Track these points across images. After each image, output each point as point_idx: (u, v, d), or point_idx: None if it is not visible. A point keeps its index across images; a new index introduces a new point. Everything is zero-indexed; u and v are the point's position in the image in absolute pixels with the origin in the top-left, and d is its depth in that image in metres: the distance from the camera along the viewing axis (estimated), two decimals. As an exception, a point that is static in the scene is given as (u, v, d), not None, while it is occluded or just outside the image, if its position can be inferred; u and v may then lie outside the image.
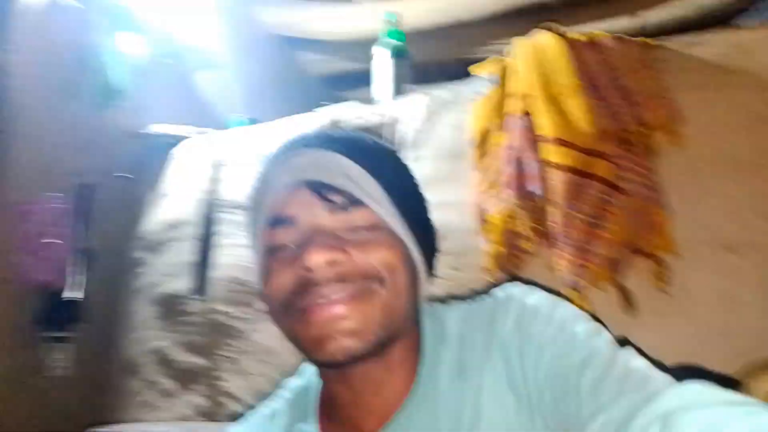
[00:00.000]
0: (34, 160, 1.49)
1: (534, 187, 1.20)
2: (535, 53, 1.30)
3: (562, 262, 1.13)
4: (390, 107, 1.60)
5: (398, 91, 1.66)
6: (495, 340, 0.58)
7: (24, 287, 1.43)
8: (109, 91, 1.72)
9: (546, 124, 1.20)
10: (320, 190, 0.56)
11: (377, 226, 0.57)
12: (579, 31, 1.32)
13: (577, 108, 1.19)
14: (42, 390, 1.44)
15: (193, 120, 1.99)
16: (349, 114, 1.66)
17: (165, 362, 1.56)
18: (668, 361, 1.06)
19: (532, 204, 1.22)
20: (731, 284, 1.10)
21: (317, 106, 1.74)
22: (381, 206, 0.57)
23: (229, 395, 1.45)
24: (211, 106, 2.28)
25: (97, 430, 1.10)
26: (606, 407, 0.46)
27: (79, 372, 1.51)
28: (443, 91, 1.54)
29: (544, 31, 1.32)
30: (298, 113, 1.74)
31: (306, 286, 0.54)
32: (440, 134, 1.50)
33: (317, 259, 0.52)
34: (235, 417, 1.40)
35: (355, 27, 2.43)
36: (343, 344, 0.52)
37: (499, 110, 1.35)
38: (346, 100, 1.77)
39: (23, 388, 1.41)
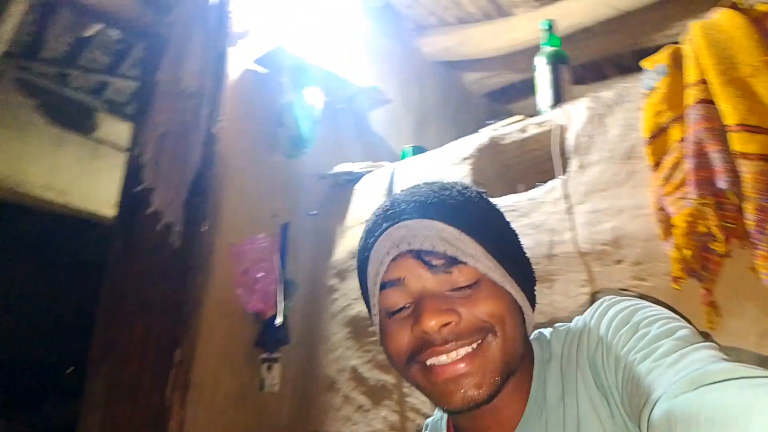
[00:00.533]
0: (241, 207, 1.78)
1: (721, 181, 1.07)
2: (711, 34, 1.17)
3: (762, 263, 0.98)
4: (552, 116, 1.56)
5: (560, 97, 1.62)
6: (584, 352, 0.62)
7: (244, 316, 1.70)
8: (300, 140, 1.97)
9: (729, 111, 1.07)
10: (422, 256, 0.61)
11: (480, 280, 0.62)
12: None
13: (768, 87, 1.04)
14: (260, 405, 1.68)
15: (370, 155, 2.16)
16: (513, 128, 1.66)
17: (359, 379, 1.70)
18: None
19: (721, 201, 1.09)
20: None
21: (483, 125, 1.77)
22: (479, 262, 0.61)
23: (416, 410, 1.53)
24: (385, 140, 2.45)
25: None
26: (647, 393, 0.49)
27: (288, 389, 1.73)
28: (608, 92, 1.45)
29: (722, 8, 1.18)
30: (467, 133, 1.79)
31: (425, 343, 0.60)
32: (609, 136, 1.42)
33: (432, 323, 0.58)
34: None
35: (513, 39, 2.42)
36: (468, 396, 0.58)
37: (674, 102, 1.24)
38: (512, 112, 1.78)
39: (245, 403, 1.66)
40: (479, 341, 0.59)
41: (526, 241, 1.48)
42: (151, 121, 1.71)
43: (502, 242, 0.66)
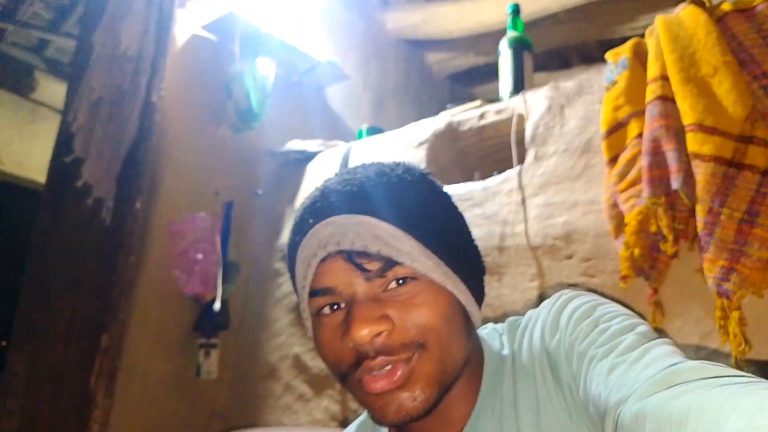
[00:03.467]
0: (181, 183, 1.67)
1: (675, 181, 1.05)
2: (674, 30, 1.14)
3: (708, 266, 0.97)
4: (512, 103, 1.52)
5: (521, 84, 1.57)
6: (541, 345, 0.61)
7: (181, 299, 1.60)
8: (249, 113, 1.86)
9: (687, 110, 1.05)
10: (353, 258, 0.56)
11: (417, 278, 0.58)
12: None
13: (727, 89, 1.02)
14: (196, 392, 1.60)
15: (325, 133, 2.07)
16: (471, 114, 1.60)
17: (301, 367, 1.64)
18: None
19: (673, 201, 1.08)
20: None
21: (444, 108, 1.71)
22: (416, 261, 0.57)
23: (358, 402, 1.48)
24: (342, 119, 2.36)
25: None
26: (614, 390, 0.48)
27: (227, 375, 1.65)
28: (569, 82, 1.42)
29: (686, 5, 1.15)
30: (427, 116, 1.73)
31: (359, 357, 0.56)
32: (567, 128, 1.38)
33: (363, 333, 0.54)
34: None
35: (479, 21, 2.36)
36: (403, 410, 0.55)
37: (634, 97, 1.21)
38: (474, 96, 1.72)
39: (181, 390, 1.58)
40: (410, 356, 0.56)
41: (477, 232, 1.45)
42: (85, 86, 1.57)
43: (445, 234, 0.61)
